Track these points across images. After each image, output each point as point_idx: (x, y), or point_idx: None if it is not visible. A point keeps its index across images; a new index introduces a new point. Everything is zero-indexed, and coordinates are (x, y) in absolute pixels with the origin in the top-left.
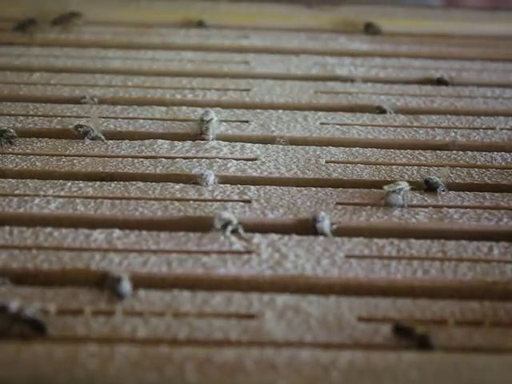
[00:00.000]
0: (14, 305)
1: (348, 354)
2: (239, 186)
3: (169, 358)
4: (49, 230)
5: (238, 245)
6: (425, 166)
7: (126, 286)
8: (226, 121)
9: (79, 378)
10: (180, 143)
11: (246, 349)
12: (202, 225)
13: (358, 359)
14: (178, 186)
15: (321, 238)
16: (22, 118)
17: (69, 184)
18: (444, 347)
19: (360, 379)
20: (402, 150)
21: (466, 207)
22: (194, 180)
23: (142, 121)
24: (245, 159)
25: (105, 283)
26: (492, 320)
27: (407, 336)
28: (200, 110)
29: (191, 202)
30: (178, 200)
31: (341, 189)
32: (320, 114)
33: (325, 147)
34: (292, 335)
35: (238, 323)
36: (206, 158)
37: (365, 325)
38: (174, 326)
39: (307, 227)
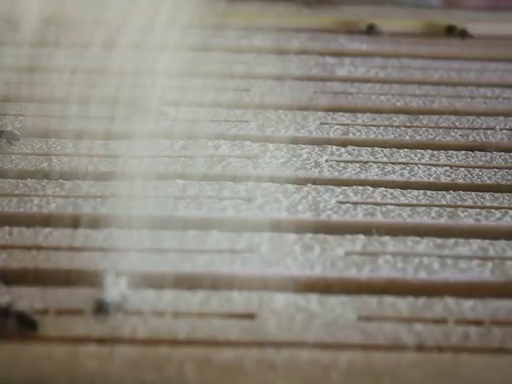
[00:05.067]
0: (1, 300)
1: (348, 354)
2: (239, 184)
3: (169, 357)
4: (49, 229)
5: (238, 244)
6: (424, 165)
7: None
8: (226, 121)
9: (79, 377)
10: (180, 142)
11: (246, 349)
12: None
13: (358, 359)
14: (177, 185)
15: (321, 235)
16: (21, 118)
17: (69, 184)
18: (444, 347)
19: (360, 379)
20: (402, 150)
21: (465, 207)
22: None
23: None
24: (245, 158)
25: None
26: (492, 320)
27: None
28: (200, 110)
29: (189, 200)
30: (178, 198)
31: (341, 188)
32: (320, 113)
33: (325, 147)
34: (292, 335)
35: (238, 323)
36: (206, 157)
37: (365, 325)
38: (173, 325)
39: (307, 227)
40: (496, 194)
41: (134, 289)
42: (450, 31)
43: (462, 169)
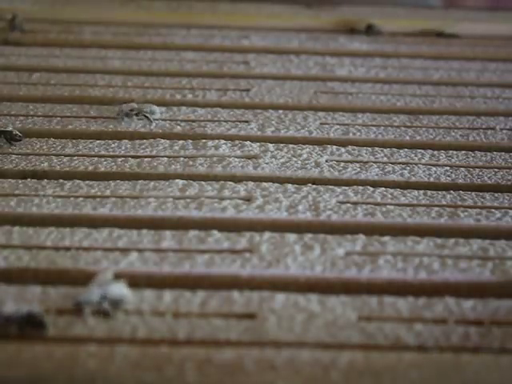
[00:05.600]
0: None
1: (348, 354)
2: (239, 184)
3: (169, 357)
4: (49, 229)
5: (238, 244)
6: (425, 165)
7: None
8: (226, 121)
9: (79, 377)
10: (180, 142)
11: (246, 349)
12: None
13: (358, 359)
14: (177, 185)
15: (321, 235)
16: (22, 118)
17: (69, 184)
18: (444, 347)
19: (360, 379)
20: (402, 150)
21: (466, 207)
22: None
23: (142, 121)
24: (245, 158)
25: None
26: (492, 320)
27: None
28: (200, 110)
29: (189, 200)
30: (178, 198)
31: (341, 188)
32: (320, 114)
33: (325, 147)
34: (292, 335)
35: (238, 323)
36: (206, 157)
37: (365, 325)
38: (173, 326)
39: (307, 227)
40: (496, 194)
41: (133, 289)
42: (439, 36)
43: (462, 169)
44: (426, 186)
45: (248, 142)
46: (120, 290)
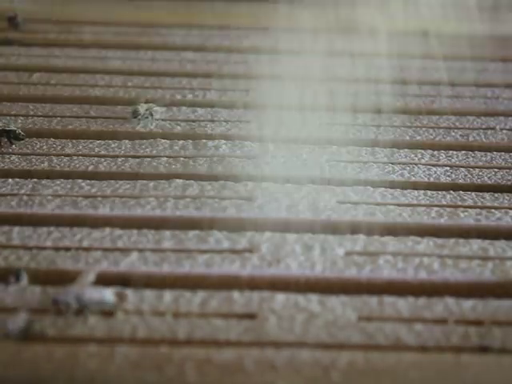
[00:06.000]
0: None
1: (348, 354)
2: (239, 184)
3: (169, 357)
4: (49, 229)
5: (238, 244)
6: (424, 165)
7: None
8: (226, 121)
9: (79, 377)
10: (180, 142)
11: (246, 349)
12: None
13: (358, 359)
14: (177, 185)
15: (321, 235)
16: (22, 118)
17: (69, 184)
18: (444, 347)
19: (360, 379)
20: (402, 150)
21: (465, 207)
22: None
23: (142, 121)
24: (245, 158)
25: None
26: (491, 320)
27: None
28: (200, 110)
29: (189, 200)
30: (178, 198)
31: (341, 188)
32: (320, 114)
33: (325, 147)
34: (292, 335)
35: (238, 323)
36: (206, 157)
37: (365, 325)
38: (173, 326)
39: (307, 227)
40: (496, 194)
41: (133, 289)
42: (425, 35)
43: (462, 169)
44: (426, 186)
45: (248, 142)
46: (100, 294)
